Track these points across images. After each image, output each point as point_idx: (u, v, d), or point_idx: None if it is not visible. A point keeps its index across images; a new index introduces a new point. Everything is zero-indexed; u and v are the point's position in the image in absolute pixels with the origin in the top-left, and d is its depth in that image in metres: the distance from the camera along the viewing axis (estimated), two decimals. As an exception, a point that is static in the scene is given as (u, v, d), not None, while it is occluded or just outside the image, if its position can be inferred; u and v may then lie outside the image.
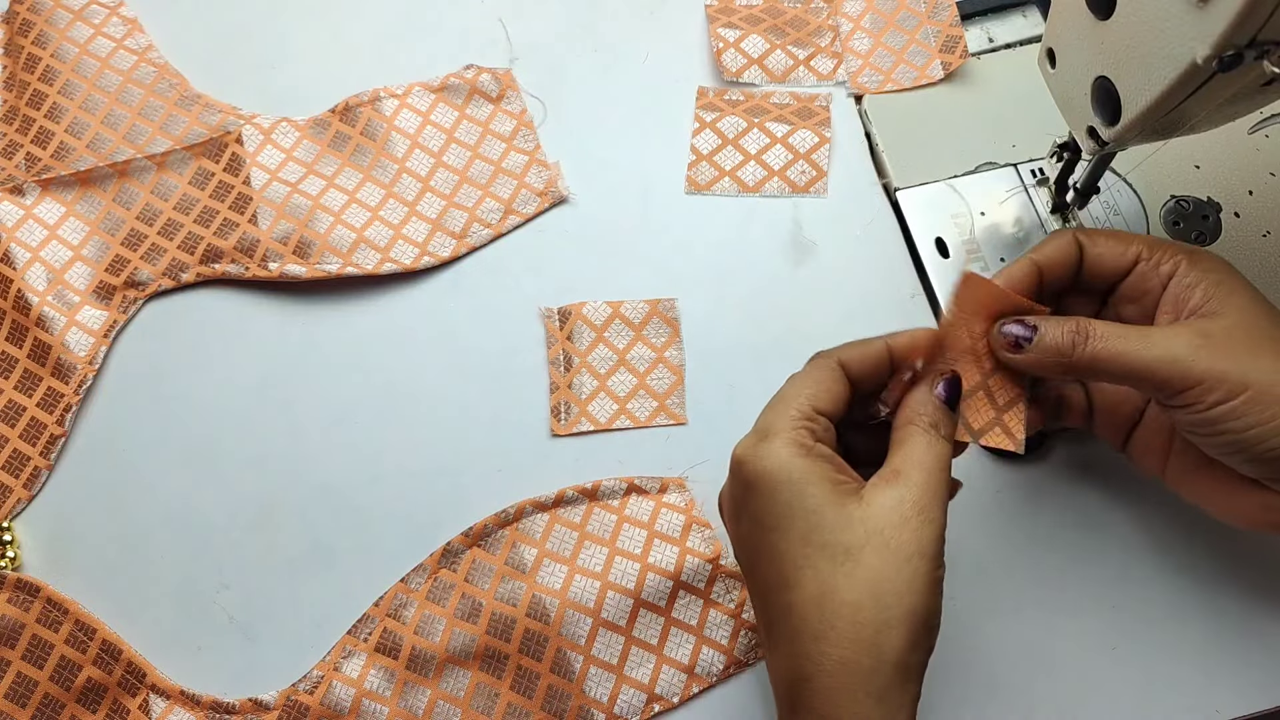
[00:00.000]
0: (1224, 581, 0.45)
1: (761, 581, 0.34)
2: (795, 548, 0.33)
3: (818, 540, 0.33)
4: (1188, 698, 0.43)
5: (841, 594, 0.32)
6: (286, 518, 0.46)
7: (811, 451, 0.34)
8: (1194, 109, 0.37)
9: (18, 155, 0.51)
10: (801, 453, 0.34)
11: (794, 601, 0.32)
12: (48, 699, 0.42)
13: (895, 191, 0.52)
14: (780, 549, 0.33)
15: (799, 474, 0.33)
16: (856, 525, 0.33)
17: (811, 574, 0.32)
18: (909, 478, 0.34)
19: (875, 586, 0.32)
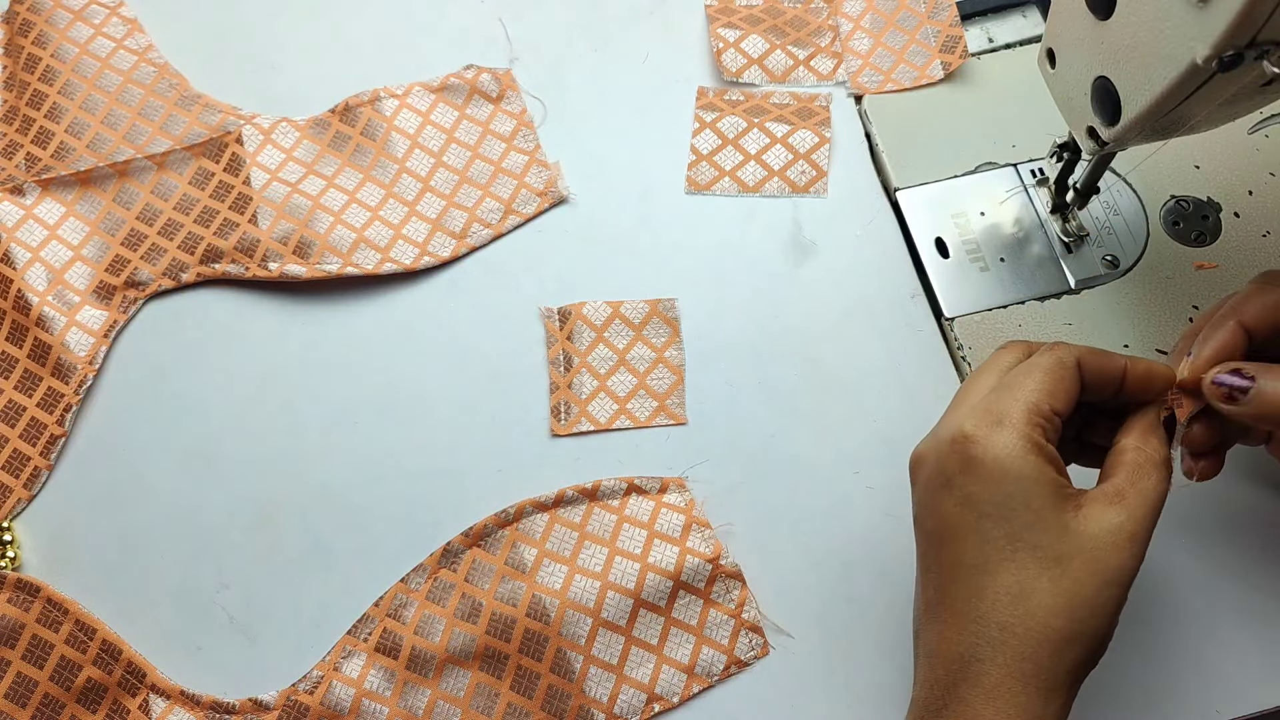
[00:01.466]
0: (1224, 582, 0.45)
1: (952, 556, 0.34)
2: (1005, 539, 0.33)
3: (1030, 540, 0.33)
4: (1188, 698, 0.43)
5: (1041, 597, 0.32)
6: (286, 518, 0.46)
7: (1043, 451, 0.34)
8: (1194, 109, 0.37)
9: (18, 155, 0.51)
10: (1034, 450, 0.34)
11: (988, 587, 0.33)
12: (48, 699, 0.42)
13: (895, 191, 0.52)
14: (991, 535, 0.33)
15: (1029, 471, 0.33)
16: (1071, 536, 0.33)
17: (1015, 569, 0.33)
18: (1133, 506, 0.34)
19: (1074, 599, 0.32)
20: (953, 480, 0.34)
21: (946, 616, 0.34)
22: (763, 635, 0.44)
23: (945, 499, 0.34)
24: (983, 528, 0.33)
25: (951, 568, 0.34)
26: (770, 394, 0.48)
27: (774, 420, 0.48)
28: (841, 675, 0.44)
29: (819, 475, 0.47)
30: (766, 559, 0.45)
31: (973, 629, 0.33)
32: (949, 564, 0.34)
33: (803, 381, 0.48)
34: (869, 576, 0.45)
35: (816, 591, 0.45)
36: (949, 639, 0.33)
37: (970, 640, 0.33)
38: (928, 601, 0.35)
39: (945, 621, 0.34)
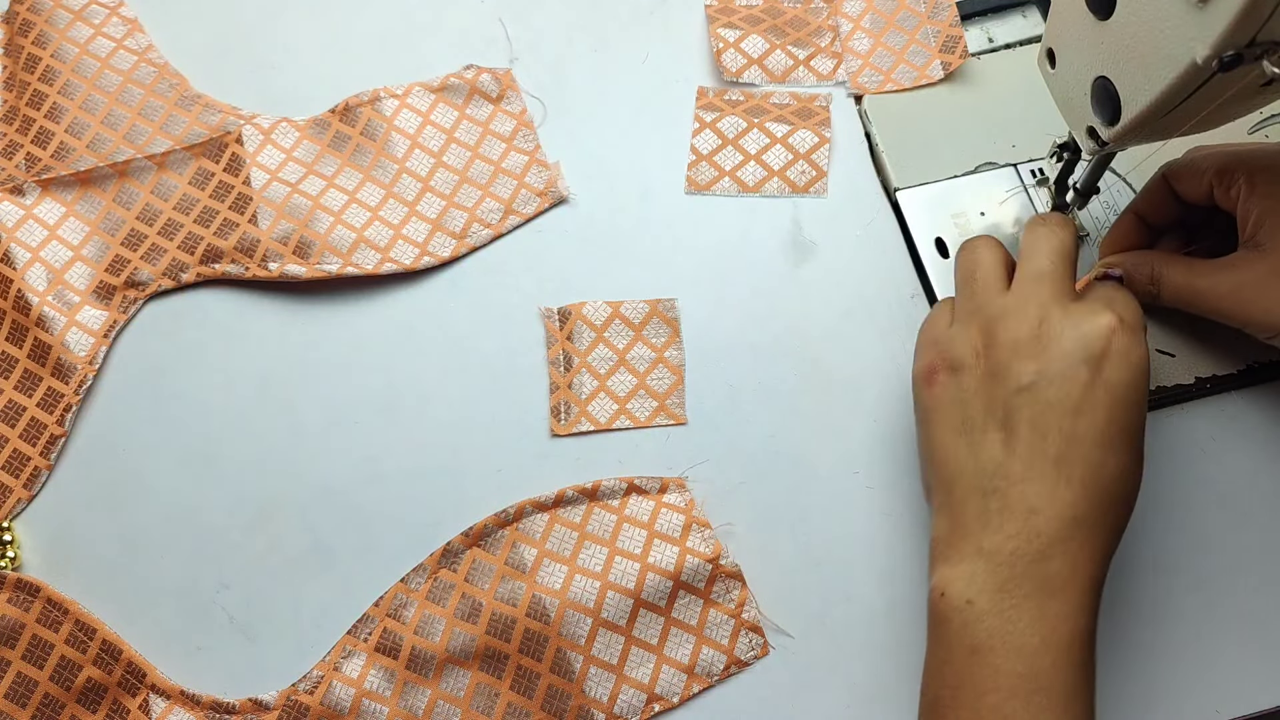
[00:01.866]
0: (1224, 581, 0.45)
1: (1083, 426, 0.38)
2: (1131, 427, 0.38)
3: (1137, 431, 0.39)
4: (1188, 698, 0.43)
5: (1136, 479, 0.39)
6: (286, 518, 0.46)
7: None
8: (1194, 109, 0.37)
9: (18, 155, 0.51)
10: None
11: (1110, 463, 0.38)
12: (48, 699, 0.42)
13: (895, 191, 0.52)
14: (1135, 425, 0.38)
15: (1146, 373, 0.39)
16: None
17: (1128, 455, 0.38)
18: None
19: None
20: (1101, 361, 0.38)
21: (1063, 478, 0.37)
22: (763, 635, 0.44)
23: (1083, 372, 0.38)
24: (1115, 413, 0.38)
25: (1077, 439, 0.37)
26: (770, 394, 0.48)
27: (774, 420, 0.48)
28: (841, 675, 0.44)
29: (819, 475, 0.47)
30: (766, 559, 0.45)
31: (1092, 496, 0.37)
32: (1077, 434, 0.37)
33: (803, 381, 0.48)
34: (869, 576, 0.45)
35: (816, 591, 0.45)
36: (1063, 499, 0.37)
37: (1086, 506, 0.37)
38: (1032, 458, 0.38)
39: (1061, 483, 0.37)
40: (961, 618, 0.37)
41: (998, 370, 0.39)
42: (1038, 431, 0.38)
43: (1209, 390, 0.48)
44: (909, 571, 0.45)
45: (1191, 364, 0.48)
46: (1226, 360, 0.48)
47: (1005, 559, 0.37)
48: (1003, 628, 0.36)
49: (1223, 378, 0.48)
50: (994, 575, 0.37)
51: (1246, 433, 0.47)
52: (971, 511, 0.38)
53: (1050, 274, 0.40)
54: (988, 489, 0.38)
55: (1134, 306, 0.40)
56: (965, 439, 0.39)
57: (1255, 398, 0.48)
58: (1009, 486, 0.38)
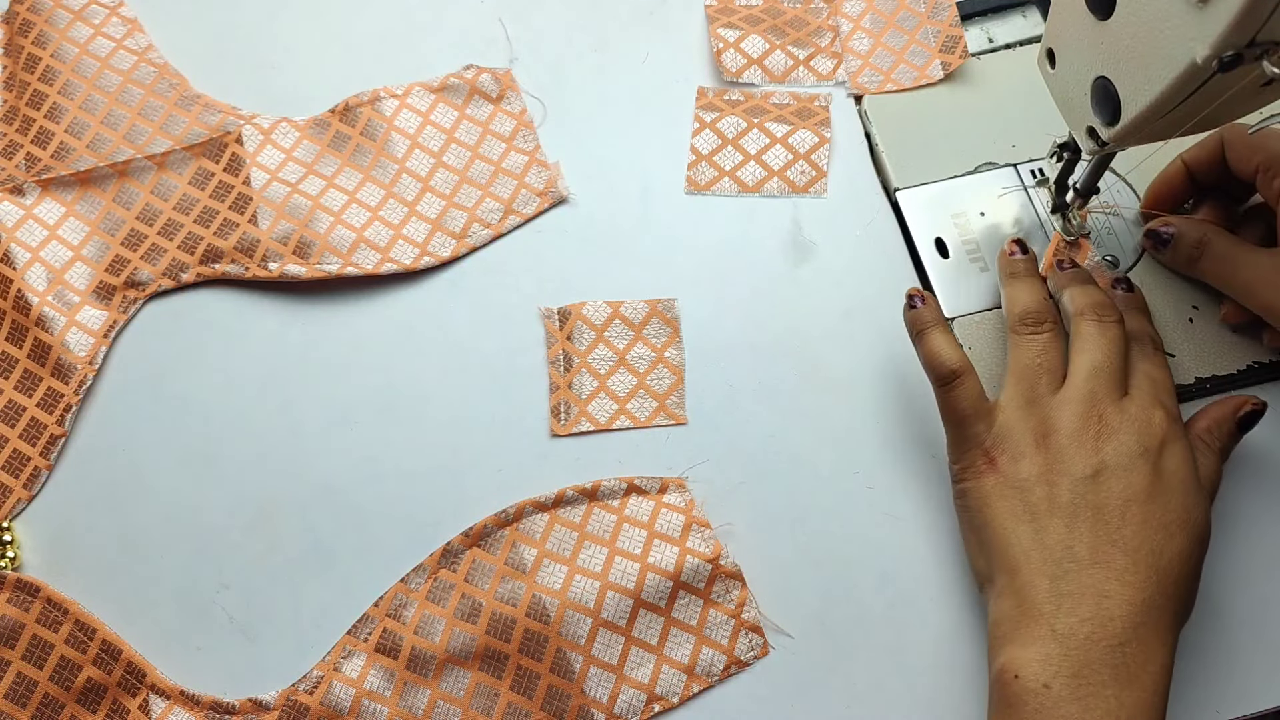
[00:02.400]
0: (1224, 582, 0.45)
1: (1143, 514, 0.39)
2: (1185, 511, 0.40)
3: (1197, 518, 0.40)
4: (1188, 698, 0.43)
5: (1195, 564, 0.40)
6: (286, 518, 0.46)
7: None
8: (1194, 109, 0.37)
9: (18, 155, 0.51)
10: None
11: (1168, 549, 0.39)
12: (48, 699, 0.42)
13: (895, 191, 0.52)
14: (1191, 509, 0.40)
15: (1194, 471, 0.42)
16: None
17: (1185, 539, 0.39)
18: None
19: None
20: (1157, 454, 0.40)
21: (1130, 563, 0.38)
22: (763, 635, 0.44)
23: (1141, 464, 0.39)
24: (1173, 499, 0.39)
25: (1141, 525, 0.39)
26: (770, 394, 0.48)
27: (774, 420, 0.48)
28: (841, 675, 0.44)
29: (819, 475, 0.47)
30: (766, 559, 0.45)
31: (1160, 581, 0.38)
32: (1141, 520, 0.39)
33: (803, 381, 0.48)
34: (869, 576, 0.45)
35: (816, 591, 0.45)
36: (1132, 584, 0.38)
37: (1155, 590, 0.38)
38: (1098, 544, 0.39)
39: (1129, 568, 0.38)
40: (1038, 701, 0.36)
41: (1059, 460, 0.40)
42: (1102, 519, 0.39)
43: (1209, 390, 0.48)
44: (909, 571, 0.45)
45: (1191, 364, 0.48)
46: (1226, 360, 0.48)
47: (1080, 643, 0.37)
48: (1080, 715, 0.36)
49: (1223, 378, 0.48)
50: (1069, 660, 0.37)
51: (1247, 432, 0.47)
52: (1041, 594, 0.38)
53: (1105, 368, 0.42)
54: (1057, 573, 0.38)
55: (1172, 395, 0.42)
56: (1029, 525, 0.40)
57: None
58: (1079, 570, 0.38)
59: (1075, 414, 0.41)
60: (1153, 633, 0.37)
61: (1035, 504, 0.40)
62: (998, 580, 0.40)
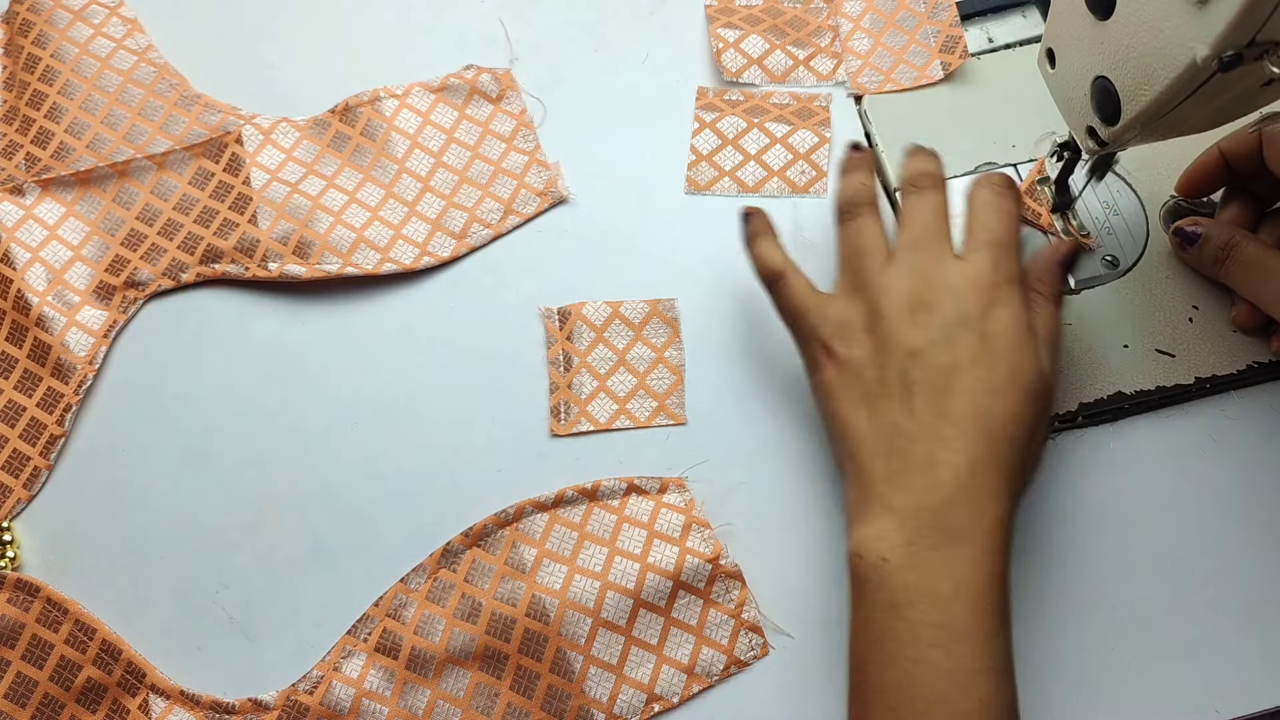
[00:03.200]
0: (1223, 581, 0.45)
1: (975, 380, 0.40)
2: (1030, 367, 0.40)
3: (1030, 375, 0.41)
4: (1188, 698, 0.43)
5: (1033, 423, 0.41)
6: (286, 518, 0.46)
7: None
8: (1194, 109, 0.37)
9: (18, 155, 0.51)
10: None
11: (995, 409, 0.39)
12: (48, 699, 0.42)
13: (895, 192, 0.52)
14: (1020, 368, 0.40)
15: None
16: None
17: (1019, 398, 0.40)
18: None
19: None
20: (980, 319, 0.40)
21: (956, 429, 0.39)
22: (763, 635, 0.44)
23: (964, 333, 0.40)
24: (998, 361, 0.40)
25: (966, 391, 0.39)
26: (770, 394, 0.48)
27: (774, 420, 0.48)
28: (841, 675, 0.44)
29: (819, 475, 0.47)
30: (766, 559, 0.45)
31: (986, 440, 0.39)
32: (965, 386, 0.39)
33: (802, 381, 0.48)
34: (869, 576, 0.45)
35: (816, 591, 0.45)
36: (956, 448, 0.39)
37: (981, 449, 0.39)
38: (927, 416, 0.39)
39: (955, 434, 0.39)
40: (878, 576, 0.38)
41: (887, 341, 0.41)
42: (931, 391, 0.40)
43: (1209, 390, 0.48)
44: (909, 571, 0.45)
45: (1191, 364, 0.48)
46: (1226, 360, 0.48)
47: (912, 514, 0.38)
48: (917, 581, 0.37)
49: (1222, 378, 0.48)
50: (903, 531, 0.38)
51: (1246, 433, 0.47)
52: (877, 474, 0.40)
53: (924, 240, 0.43)
54: (890, 451, 0.40)
55: (1010, 250, 0.42)
56: (865, 409, 0.41)
57: (1255, 398, 0.48)
58: (909, 445, 0.39)
59: (898, 292, 0.42)
60: (981, 491, 0.38)
61: (869, 387, 0.41)
62: (845, 467, 0.42)
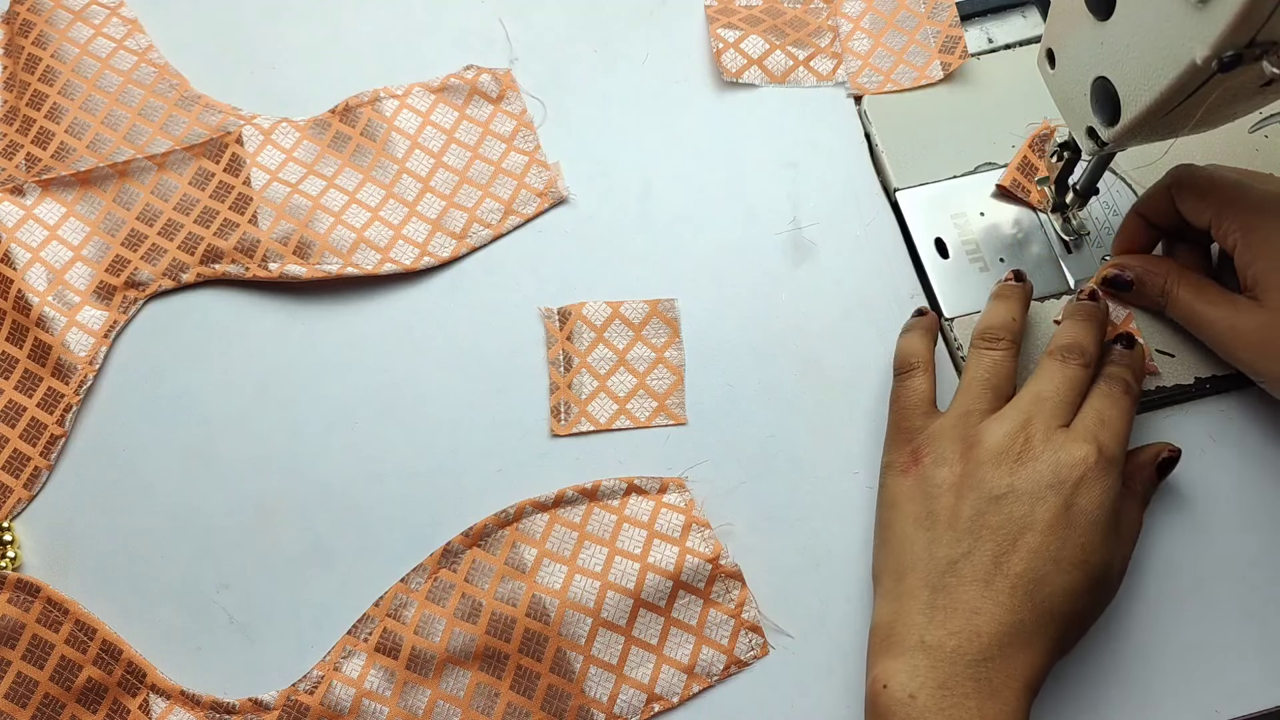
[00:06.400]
0: (1224, 582, 0.45)
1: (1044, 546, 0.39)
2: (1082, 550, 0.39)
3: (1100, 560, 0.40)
4: (1188, 698, 0.43)
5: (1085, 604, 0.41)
6: (286, 518, 0.46)
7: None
8: (1194, 109, 0.37)
9: (18, 155, 0.51)
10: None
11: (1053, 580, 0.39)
12: (48, 699, 0.42)
13: (895, 192, 0.52)
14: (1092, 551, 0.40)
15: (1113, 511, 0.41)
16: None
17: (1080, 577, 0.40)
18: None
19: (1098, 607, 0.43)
20: (1070, 490, 0.39)
21: (1009, 586, 0.38)
22: (762, 635, 0.44)
23: (1050, 496, 0.39)
24: (1072, 536, 0.39)
25: (1031, 554, 0.39)
26: (770, 394, 0.48)
27: (774, 420, 0.48)
28: (841, 675, 0.44)
29: (819, 475, 0.47)
30: (766, 559, 0.45)
31: (1035, 608, 0.38)
32: (1032, 549, 0.39)
33: (802, 381, 0.48)
34: (869, 576, 0.45)
35: (816, 591, 0.45)
36: (1005, 605, 0.38)
37: (1028, 615, 0.38)
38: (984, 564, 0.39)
39: (1006, 590, 0.38)
40: (905, 711, 0.37)
41: (973, 474, 0.41)
42: (997, 540, 0.39)
43: (1209, 390, 0.48)
44: (909, 571, 0.45)
45: (1191, 364, 0.48)
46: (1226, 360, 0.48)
47: (947, 655, 0.38)
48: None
49: (1223, 378, 0.48)
50: (935, 671, 0.37)
51: (1246, 433, 0.47)
52: (919, 604, 0.39)
53: (1050, 399, 0.42)
54: (937, 585, 0.39)
55: (1118, 439, 0.41)
56: (927, 532, 0.41)
57: (1255, 398, 0.48)
58: (958, 585, 0.39)
59: (1003, 433, 0.41)
60: (1019, 652, 0.38)
61: (938, 513, 0.41)
62: (885, 581, 0.41)
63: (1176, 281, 0.46)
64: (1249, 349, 0.43)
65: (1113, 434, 0.41)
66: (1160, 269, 0.46)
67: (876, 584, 0.42)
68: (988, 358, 0.44)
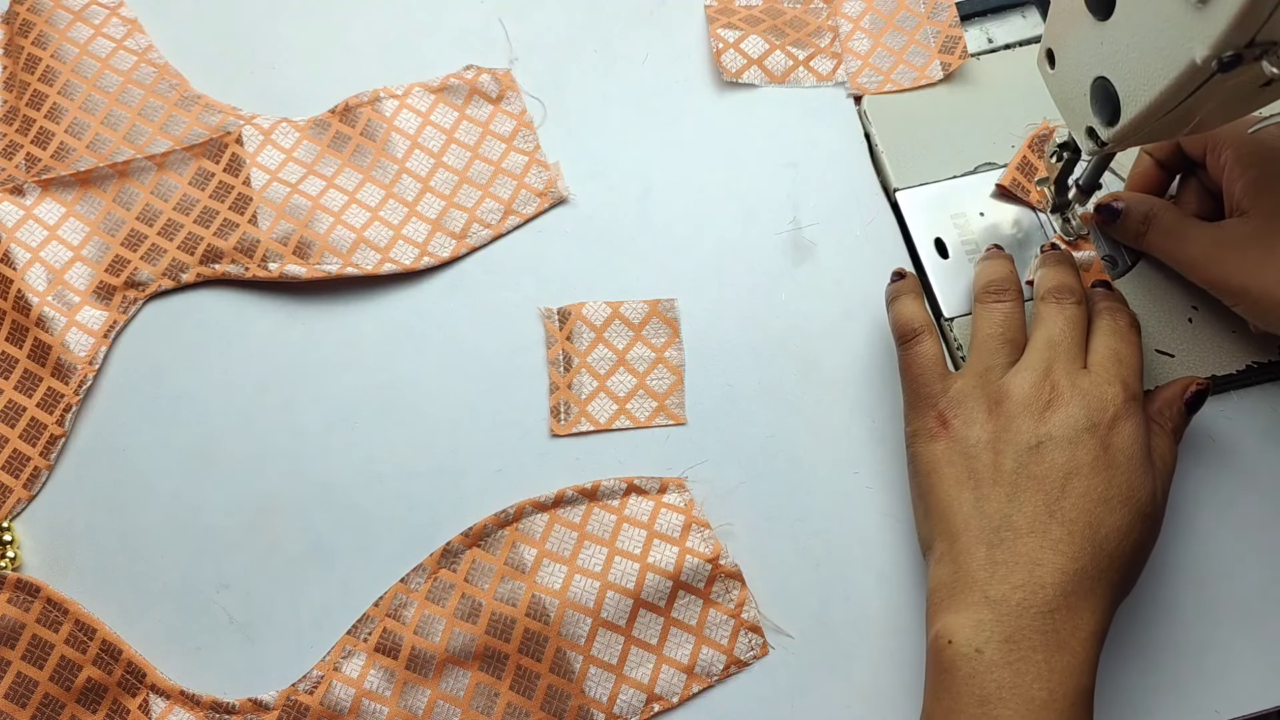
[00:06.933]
0: (1223, 581, 0.45)
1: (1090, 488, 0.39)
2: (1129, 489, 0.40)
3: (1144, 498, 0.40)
4: (1188, 698, 0.43)
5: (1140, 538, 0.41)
6: (286, 518, 0.46)
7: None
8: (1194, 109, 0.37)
9: (18, 155, 0.51)
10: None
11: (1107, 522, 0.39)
12: (48, 699, 0.42)
13: (895, 192, 0.52)
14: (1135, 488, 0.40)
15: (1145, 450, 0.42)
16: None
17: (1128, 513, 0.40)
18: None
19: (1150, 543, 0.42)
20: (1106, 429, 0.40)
21: (1065, 534, 0.38)
22: (762, 635, 0.44)
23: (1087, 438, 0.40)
24: (1116, 475, 0.39)
25: (1079, 497, 0.39)
26: (770, 394, 0.48)
27: (774, 420, 0.48)
28: (841, 675, 0.44)
29: (819, 475, 0.47)
30: (766, 559, 0.45)
31: (1095, 552, 0.38)
32: (1080, 493, 0.39)
33: (802, 381, 0.48)
34: (869, 576, 0.45)
35: (816, 591, 0.45)
36: (1065, 553, 0.38)
37: (1088, 561, 0.38)
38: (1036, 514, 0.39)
39: (1065, 538, 0.38)
40: (970, 666, 0.37)
41: (1008, 428, 0.41)
42: (1045, 489, 0.39)
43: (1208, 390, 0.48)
44: (908, 571, 0.45)
45: (1192, 364, 0.48)
46: (1226, 360, 0.48)
47: (1012, 609, 0.37)
48: (1012, 680, 0.36)
49: (1222, 378, 0.48)
50: (1002, 625, 0.37)
51: (1246, 433, 0.47)
52: (977, 561, 0.39)
53: (1062, 342, 0.42)
54: (993, 540, 0.39)
55: (1136, 374, 0.42)
56: (972, 492, 0.40)
57: (1255, 398, 0.48)
58: (1015, 539, 0.39)
59: (1028, 383, 0.41)
60: (1084, 600, 0.38)
61: (980, 471, 0.40)
62: (937, 546, 0.41)
63: (1161, 208, 0.47)
64: (1232, 264, 0.44)
65: (1131, 369, 0.42)
66: (1145, 200, 0.48)
67: (927, 551, 0.42)
68: (998, 311, 0.44)
